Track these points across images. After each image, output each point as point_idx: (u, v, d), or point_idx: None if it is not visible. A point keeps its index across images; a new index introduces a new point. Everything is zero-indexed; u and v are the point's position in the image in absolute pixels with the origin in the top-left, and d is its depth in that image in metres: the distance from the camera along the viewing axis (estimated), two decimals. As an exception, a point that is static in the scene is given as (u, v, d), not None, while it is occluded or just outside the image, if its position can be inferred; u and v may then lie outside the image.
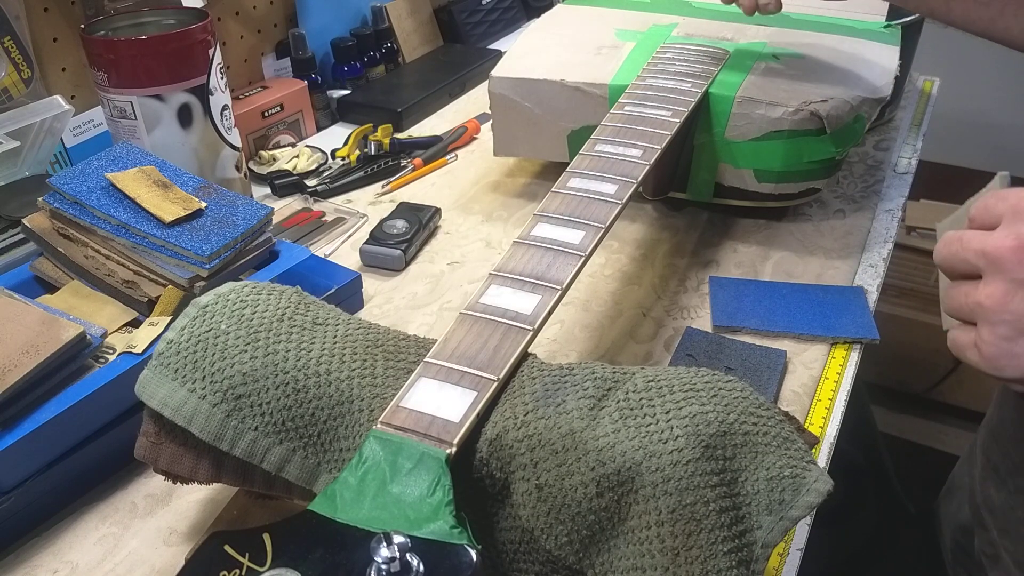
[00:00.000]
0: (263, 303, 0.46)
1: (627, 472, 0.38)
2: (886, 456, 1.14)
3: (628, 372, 0.43)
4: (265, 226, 0.67)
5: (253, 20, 1.05)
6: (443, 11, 1.32)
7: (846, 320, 0.69)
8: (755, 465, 0.39)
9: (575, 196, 0.58)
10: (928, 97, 1.15)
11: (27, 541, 0.53)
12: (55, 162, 0.84)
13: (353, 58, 1.15)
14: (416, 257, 0.82)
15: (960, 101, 1.87)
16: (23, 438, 0.50)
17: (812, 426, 0.60)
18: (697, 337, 0.67)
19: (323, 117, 1.11)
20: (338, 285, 0.70)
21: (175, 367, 0.44)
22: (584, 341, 0.69)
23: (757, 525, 0.38)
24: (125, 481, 0.57)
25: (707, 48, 0.85)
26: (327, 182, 0.94)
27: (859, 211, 0.87)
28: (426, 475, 0.37)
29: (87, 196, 0.64)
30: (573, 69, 0.83)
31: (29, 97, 0.80)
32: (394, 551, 0.33)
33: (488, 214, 0.89)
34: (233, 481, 0.45)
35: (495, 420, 0.41)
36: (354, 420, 0.42)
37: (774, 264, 0.78)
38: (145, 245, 0.63)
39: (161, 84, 0.75)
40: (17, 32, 0.78)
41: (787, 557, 0.51)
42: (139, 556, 0.52)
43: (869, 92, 0.78)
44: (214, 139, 0.80)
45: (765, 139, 0.76)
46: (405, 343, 0.47)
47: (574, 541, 0.39)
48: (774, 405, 0.41)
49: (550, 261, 0.51)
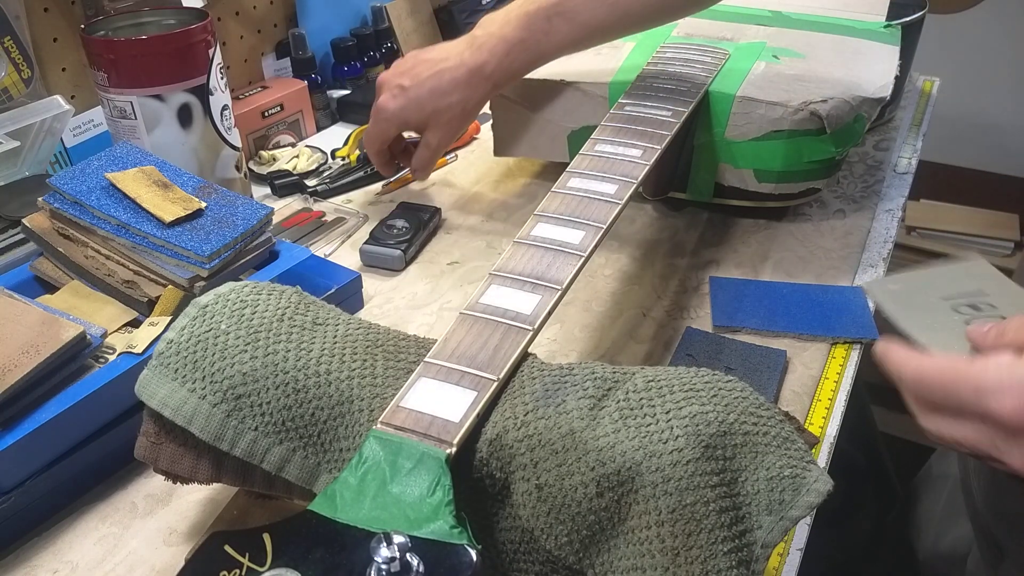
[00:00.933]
0: (263, 303, 0.46)
1: (627, 472, 0.38)
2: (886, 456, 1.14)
3: (628, 372, 0.43)
4: (265, 226, 0.67)
5: (253, 20, 1.05)
6: (443, 11, 1.32)
7: (846, 320, 0.69)
8: (755, 465, 0.39)
9: (575, 196, 0.58)
10: (928, 97, 1.15)
11: (27, 541, 0.53)
12: (55, 162, 0.84)
13: (353, 58, 1.15)
14: (416, 257, 0.82)
15: (960, 101, 1.87)
16: (23, 438, 0.50)
17: (812, 426, 0.60)
18: (697, 337, 0.67)
19: (323, 117, 1.11)
20: (338, 285, 0.70)
21: (175, 367, 0.44)
22: (584, 341, 0.69)
23: (757, 525, 0.38)
24: (125, 481, 0.57)
25: (707, 48, 0.85)
26: (327, 182, 0.94)
27: (859, 211, 0.87)
28: (426, 475, 0.37)
29: (87, 196, 0.64)
30: (573, 69, 0.83)
31: (29, 97, 0.80)
32: (394, 551, 0.33)
33: (488, 214, 0.89)
34: (233, 481, 0.45)
35: (495, 420, 0.41)
36: (354, 420, 0.42)
37: (774, 264, 0.78)
38: (145, 245, 0.63)
39: (161, 84, 0.75)
40: (17, 32, 0.78)
41: (787, 557, 0.51)
42: (139, 556, 0.52)
43: (869, 92, 0.78)
44: (214, 139, 0.80)
45: (765, 139, 0.76)
46: (405, 343, 0.47)
47: (574, 541, 0.39)
48: (774, 405, 0.41)
49: (550, 261, 0.51)
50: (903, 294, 0.50)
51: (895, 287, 0.50)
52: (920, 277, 0.51)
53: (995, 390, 0.37)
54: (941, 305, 0.48)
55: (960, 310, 0.48)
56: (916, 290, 0.50)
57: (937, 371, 0.39)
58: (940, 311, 0.48)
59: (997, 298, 0.49)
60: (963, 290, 0.49)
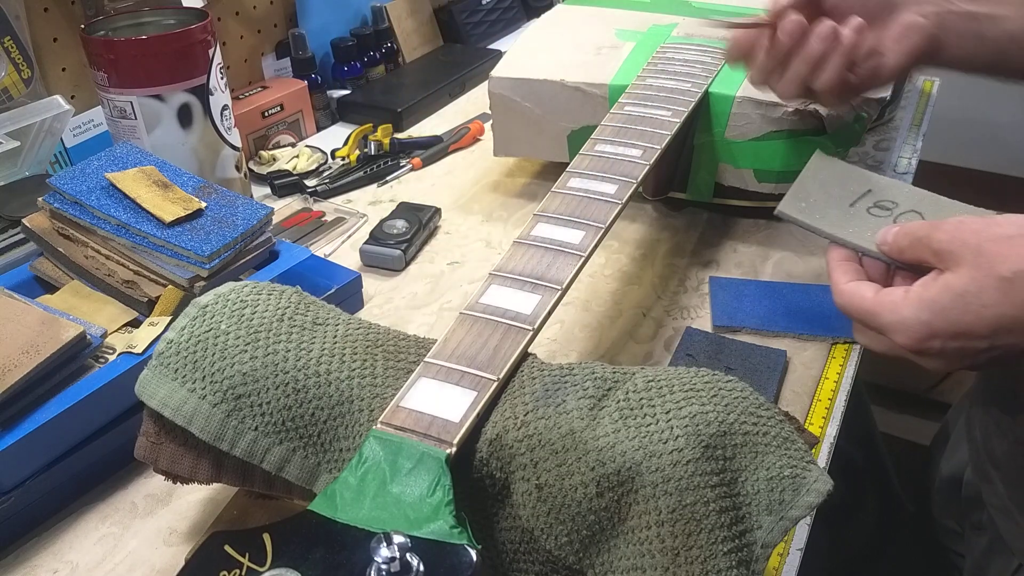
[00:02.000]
0: (263, 303, 0.46)
1: (627, 472, 0.38)
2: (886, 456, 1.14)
3: (628, 372, 0.43)
4: (265, 226, 0.67)
5: (253, 20, 1.05)
6: (443, 11, 1.32)
7: (846, 320, 0.68)
8: (755, 465, 0.39)
9: (575, 196, 0.58)
10: (928, 97, 1.15)
11: (27, 541, 0.53)
12: (55, 162, 0.84)
13: (353, 58, 1.15)
14: (416, 257, 0.82)
15: (960, 101, 1.86)
16: (23, 438, 0.50)
17: (812, 426, 0.60)
18: (697, 337, 0.67)
19: (323, 117, 1.11)
20: (338, 285, 0.70)
21: (175, 367, 0.44)
22: (584, 341, 0.69)
23: (757, 525, 0.38)
24: (125, 481, 0.57)
25: (707, 48, 0.85)
26: (327, 182, 0.94)
27: (859, 211, 0.86)
28: (426, 475, 0.37)
29: (87, 196, 0.64)
30: (573, 69, 0.83)
31: (29, 97, 0.80)
32: (394, 551, 0.33)
33: (488, 214, 0.89)
34: (233, 481, 0.45)
35: (495, 420, 0.41)
36: (354, 420, 0.42)
37: (774, 264, 0.78)
38: (145, 245, 0.63)
39: (161, 84, 0.75)
40: (17, 32, 0.78)
41: (787, 557, 0.51)
42: (139, 556, 0.52)
43: (869, 92, 0.78)
44: (214, 139, 0.80)
45: (765, 139, 0.76)
46: (405, 343, 0.47)
47: (574, 541, 0.39)
48: (774, 405, 0.41)
49: (550, 261, 0.51)
50: (815, 208, 0.59)
51: (803, 204, 0.60)
52: (811, 187, 0.61)
53: (892, 330, 0.46)
54: (853, 211, 0.58)
55: (872, 212, 0.58)
56: (821, 202, 0.60)
57: (855, 304, 0.49)
58: (855, 216, 0.58)
59: (886, 193, 0.60)
60: (858, 191, 0.60)
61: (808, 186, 0.61)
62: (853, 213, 0.58)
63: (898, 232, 0.49)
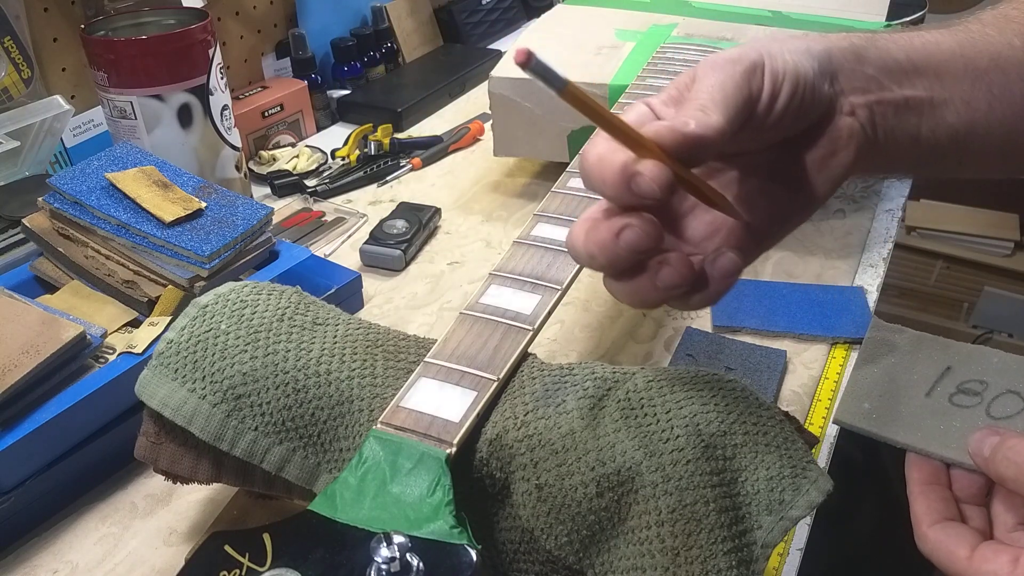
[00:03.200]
0: (263, 303, 0.46)
1: (627, 472, 0.38)
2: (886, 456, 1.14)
3: (628, 372, 0.43)
4: (265, 226, 0.67)
5: (253, 20, 1.05)
6: (443, 11, 1.32)
7: (846, 320, 0.69)
8: (755, 465, 0.39)
9: (575, 196, 0.58)
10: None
11: (27, 541, 0.53)
12: (55, 162, 0.84)
13: (353, 58, 1.15)
14: (416, 257, 0.82)
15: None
16: (23, 438, 0.50)
17: (812, 426, 0.60)
18: (697, 337, 0.67)
19: (323, 117, 1.11)
20: (338, 285, 0.70)
21: (175, 367, 0.44)
22: (584, 341, 0.69)
23: (757, 525, 0.38)
24: (125, 481, 0.57)
25: (707, 48, 0.85)
26: (327, 182, 0.94)
27: (859, 211, 0.86)
28: (426, 475, 0.37)
29: (87, 196, 0.64)
30: (573, 69, 0.83)
31: (29, 97, 0.80)
32: (394, 551, 0.33)
33: (488, 214, 0.89)
34: (233, 481, 0.45)
35: (495, 420, 0.41)
36: (354, 420, 0.42)
37: (774, 264, 0.78)
38: (145, 245, 0.63)
39: (161, 84, 0.75)
40: (17, 32, 0.78)
41: (787, 557, 0.51)
42: (139, 556, 0.52)
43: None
44: (214, 139, 0.80)
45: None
46: (405, 343, 0.47)
47: (574, 541, 0.39)
48: (774, 405, 0.41)
49: (550, 261, 0.51)
50: (882, 408, 0.45)
51: (866, 405, 0.45)
52: (873, 378, 0.46)
53: None
54: (931, 403, 0.44)
55: (956, 401, 0.44)
56: (889, 398, 0.45)
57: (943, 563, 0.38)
58: (935, 410, 0.44)
59: (971, 369, 0.45)
60: (934, 373, 0.45)
61: (869, 377, 0.46)
62: (932, 407, 0.44)
63: (996, 448, 0.37)
